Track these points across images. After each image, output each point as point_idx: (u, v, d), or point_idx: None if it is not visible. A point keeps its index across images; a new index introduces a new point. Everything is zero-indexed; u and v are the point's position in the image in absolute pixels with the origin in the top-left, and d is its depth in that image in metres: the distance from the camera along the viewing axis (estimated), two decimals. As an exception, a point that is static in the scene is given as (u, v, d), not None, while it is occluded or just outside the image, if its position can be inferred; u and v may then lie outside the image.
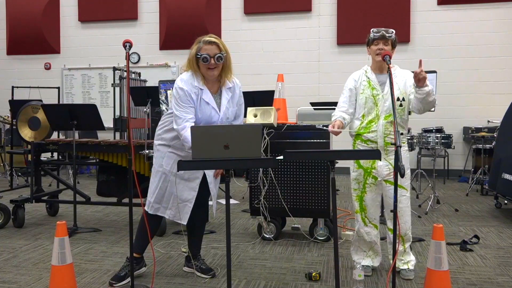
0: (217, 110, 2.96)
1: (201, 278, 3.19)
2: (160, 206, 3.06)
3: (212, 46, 2.84)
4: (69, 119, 4.38)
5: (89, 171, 8.95)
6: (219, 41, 2.88)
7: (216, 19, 8.90)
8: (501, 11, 8.02)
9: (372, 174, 3.14)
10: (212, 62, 2.83)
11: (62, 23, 9.55)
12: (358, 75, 3.22)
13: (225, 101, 2.98)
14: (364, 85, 3.15)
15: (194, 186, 3.03)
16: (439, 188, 6.86)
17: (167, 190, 3.03)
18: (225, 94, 3.00)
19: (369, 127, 3.11)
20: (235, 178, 7.84)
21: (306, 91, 8.58)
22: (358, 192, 3.21)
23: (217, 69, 2.88)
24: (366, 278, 3.14)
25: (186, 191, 3.02)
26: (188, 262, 3.30)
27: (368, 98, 3.11)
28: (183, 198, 3.02)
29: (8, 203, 4.82)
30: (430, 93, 2.88)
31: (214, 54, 2.83)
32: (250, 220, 4.88)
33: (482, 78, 8.10)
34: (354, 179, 3.21)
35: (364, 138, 3.13)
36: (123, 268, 3.11)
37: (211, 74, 2.88)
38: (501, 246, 3.92)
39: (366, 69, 3.20)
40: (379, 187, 3.17)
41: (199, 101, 2.92)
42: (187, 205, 3.03)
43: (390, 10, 8.23)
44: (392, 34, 3.07)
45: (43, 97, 8.70)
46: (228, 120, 3.04)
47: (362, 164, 3.16)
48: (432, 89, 2.90)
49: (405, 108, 3.11)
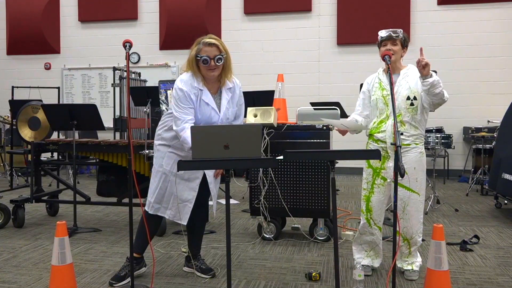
0: (217, 110, 2.95)
1: (201, 278, 3.19)
2: (161, 206, 3.06)
3: (212, 47, 2.84)
4: (69, 119, 4.37)
5: (89, 171, 8.95)
6: (219, 42, 2.88)
7: (216, 19, 8.90)
8: (501, 11, 8.02)
9: (381, 174, 3.13)
10: (212, 63, 2.84)
11: (62, 23, 9.55)
12: (371, 78, 3.26)
13: (225, 102, 2.98)
14: (376, 87, 3.18)
15: (194, 186, 3.03)
16: (439, 188, 6.86)
17: (167, 190, 3.03)
18: (225, 94, 2.99)
19: (379, 127, 3.12)
20: (235, 178, 7.84)
21: (306, 91, 8.58)
22: (366, 192, 3.21)
23: (217, 70, 2.88)
24: (366, 278, 3.14)
25: (186, 191, 3.02)
26: (188, 262, 3.30)
27: (378, 99, 3.13)
28: (183, 198, 3.02)
29: (8, 203, 4.82)
30: (435, 84, 2.86)
31: (214, 55, 2.83)
32: (250, 220, 4.88)
33: (482, 78, 8.10)
34: (364, 178, 3.23)
35: (375, 138, 3.15)
36: (123, 268, 3.11)
37: (211, 75, 2.88)
38: (501, 246, 3.92)
39: (379, 71, 3.23)
40: (387, 189, 3.16)
41: (199, 102, 2.91)
42: (187, 205, 3.03)
43: (390, 10, 8.23)
44: (400, 34, 3.06)
45: (43, 97, 8.70)
46: (228, 120, 3.03)
47: (371, 163, 3.17)
48: (437, 80, 2.86)
49: (418, 107, 3.06)
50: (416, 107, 3.06)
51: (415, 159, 3.08)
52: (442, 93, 2.91)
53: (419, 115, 3.08)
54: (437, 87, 2.87)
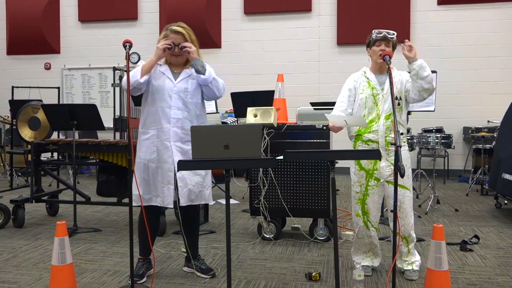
0: (172, 79, 3.00)
1: (201, 278, 3.19)
2: (151, 195, 3.05)
3: (178, 35, 2.95)
4: (69, 119, 4.37)
5: (89, 171, 8.95)
6: (186, 31, 2.97)
7: (216, 19, 8.90)
8: (501, 11, 8.02)
9: (374, 175, 3.13)
10: (176, 50, 2.95)
11: (62, 23, 9.55)
12: (357, 76, 3.22)
13: (184, 75, 3.03)
14: (363, 85, 3.15)
15: (169, 167, 3.01)
16: (439, 188, 6.86)
17: (151, 178, 3.03)
18: (186, 71, 3.05)
19: (369, 127, 3.10)
20: (235, 178, 7.84)
21: (306, 91, 8.58)
22: (360, 195, 3.18)
23: (180, 57, 2.99)
24: (366, 278, 3.14)
25: (165, 174, 3.01)
26: (188, 262, 3.30)
27: (368, 97, 3.10)
28: (164, 181, 3.02)
29: (8, 203, 4.82)
30: (423, 66, 2.89)
31: (179, 43, 2.93)
32: (250, 220, 4.88)
33: (482, 78, 8.10)
34: (356, 181, 3.18)
35: (365, 139, 3.12)
36: (139, 268, 3.13)
37: (174, 60, 3.00)
38: (501, 246, 3.92)
39: (365, 70, 3.21)
40: (381, 189, 3.16)
41: (155, 71, 3.01)
42: (169, 187, 3.02)
43: (390, 10, 8.23)
44: (394, 36, 3.07)
45: (43, 97, 8.70)
46: (188, 92, 3.01)
47: (363, 165, 3.14)
48: (424, 63, 2.89)
49: (403, 107, 3.12)
50: (401, 107, 3.11)
51: (405, 156, 3.12)
52: (431, 77, 2.93)
53: (404, 114, 3.16)
54: (425, 70, 2.90)
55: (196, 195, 3.08)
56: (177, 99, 2.98)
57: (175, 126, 2.98)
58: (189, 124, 3.01)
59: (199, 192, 3.08)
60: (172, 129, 2.97)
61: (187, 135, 3.01)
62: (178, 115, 2.98)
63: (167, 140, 2.98)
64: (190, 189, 3.03)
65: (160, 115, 2.98)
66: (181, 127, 2.99)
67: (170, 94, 2.97)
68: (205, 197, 3.14)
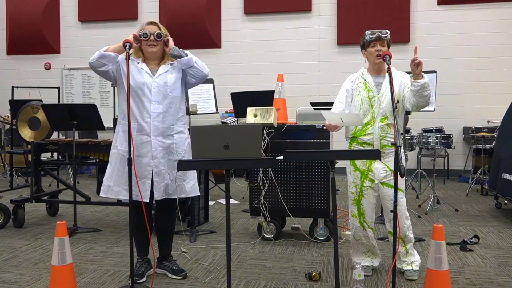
0: (150, 74, 3.02)
1: (201, 278, 3.19)
2: (121, 188, 3.03)
3: (153, 26, 3.05)
4: (69, 119, 4.37)
5: (89, 171, 8.95)
6: (160, 25, 3.08)
7: (216, 19, 8.89)
8: (501, 11, 8.02)
9: (369, 176, 3.13)
10: (152, 38, 2.99)
11: (62, 23, 9.54)
12: (355, 77, 3.22)
13: (162, 70, 3.05)
14: (360, 87, 3.14)
15: (148, 161, 3.01)
16: (439, 188, 6.86)
17: (125, 171, 3.01)
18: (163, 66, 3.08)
19: (365, 130, 3.10)
20: (235, 178, 7.84)
21: (306, 91, 8.58)
22: (355, 196, 3.19)
23: (156, 47, 3.02)
24: (366, 278, 3.14)
25: (142, 168, 3.01)
26: (159, 263, 3.29)
27: (363, 99, 3.10)
28: (140, 175, 3.00)
29: (8, 203, 4.82)
30: (425, 86, 2.86)
31: (154, 31, 3.00)
32: (250, 220, 4.88)
33: (482, 78, 8.10)
34: (352, 182, 3.19)
35: (360, 141, 3.12)
36: (138, 267, 3.14)
37: (150, 50, 3.02)
38: (501, 246, 3.93)
39: (363, 71, 3.20)
40: (375, 190, 3.17)
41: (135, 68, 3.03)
42: (145, 181, 3.01)
43: (390, 10, 8.23)
44: (387, 35, 3.06)
45: (43, 97, 8.69)
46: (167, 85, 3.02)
47: (358, 166, 3.15)
48: (427, 83, 2.87)
49: (399, 110, 3.11)
50: (399, 110, 3.09)
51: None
52: (429, 96, 2.92)
53: (401, 116, 3.15)
54: (426, 90, 2.88)
55: (174, 189, 3.06)
56: (157, 93, 2.99)
57: (156, 120, 2.99)
58: (169, 118, 3.02)
59: (177, 186, 3.07)
60: (153, 124, 2.98)
61: (168, 129, 3.02)
62: (159, 109, 2.99)
63: (147, 134, 2.99)
64: (167, 183, 3.04)
65: (141, 110, 2.99)
66: (161, 121, 3.00)
67: (150, 88, 2.99)
68: (185, 190, 3.11)
